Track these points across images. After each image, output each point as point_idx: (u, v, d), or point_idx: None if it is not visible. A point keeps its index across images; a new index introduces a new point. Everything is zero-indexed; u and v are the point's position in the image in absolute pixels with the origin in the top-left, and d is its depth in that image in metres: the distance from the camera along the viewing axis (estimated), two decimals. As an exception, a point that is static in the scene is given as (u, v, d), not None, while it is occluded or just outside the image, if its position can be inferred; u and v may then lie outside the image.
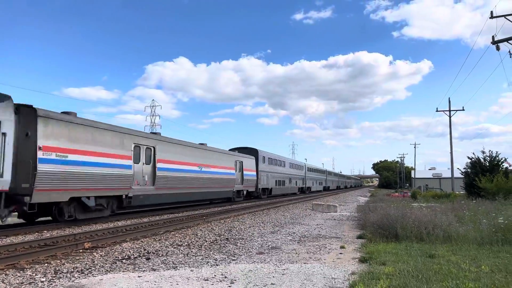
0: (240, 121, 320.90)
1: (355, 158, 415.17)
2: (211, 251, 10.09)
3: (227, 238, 12.26)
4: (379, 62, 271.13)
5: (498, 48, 21.37)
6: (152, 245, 10.86)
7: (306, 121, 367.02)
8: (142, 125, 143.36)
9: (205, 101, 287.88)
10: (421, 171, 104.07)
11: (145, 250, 10.05)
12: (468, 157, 30.40)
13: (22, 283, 6.64)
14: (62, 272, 7.44)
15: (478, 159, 29.25)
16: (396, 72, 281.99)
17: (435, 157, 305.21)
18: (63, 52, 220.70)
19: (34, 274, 7.26)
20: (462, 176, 31.73)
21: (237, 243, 11.41)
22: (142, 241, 11.43)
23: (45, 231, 13.42)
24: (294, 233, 13.73)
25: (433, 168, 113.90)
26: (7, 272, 7.43)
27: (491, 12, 21.94)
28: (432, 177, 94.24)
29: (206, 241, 11.62)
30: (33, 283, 6.61)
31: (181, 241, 11.60)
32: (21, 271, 7.50)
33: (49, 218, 15.57)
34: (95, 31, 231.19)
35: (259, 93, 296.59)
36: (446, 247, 9.73)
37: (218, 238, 12.33)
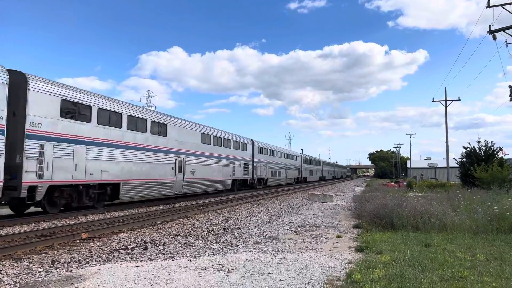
0: (235, 112, 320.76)
1: (351, 148, 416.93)
2: (208, 241, 10.12)
3: (224, 228, 12.30)
4: (374, 52, 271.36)
5: (494, 38, 21.32)
6: (149, 235, 10.87)
7: (302, 111, 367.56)
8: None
9: (200, 91, 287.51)
10: (416, 161, 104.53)
11: (142, 240, 10.07)
12: (464, 147, 30.53)
13: (19, 273, 6.63)
14: (60, 262, 7.44)
15: (474, 148, 29.37)
16: (391, 62, 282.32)
17: (430, 147, 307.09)
18: (56, 42, 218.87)
19: (31, 265, 7.26)
20: (458, 165, 31.89)
21: (234, 233, 11.45)
22: (139, 231, 11.44)
23: (42, 222, 13.40)
24: (290, 222, 13.79)
25: (429, 158, 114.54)
26: (4, 262, 7.42)
27: (488, 1, 21.83)
28: (427, 167, 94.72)
29: (203, 231, 11.65)
30: (30, 273, 6.61)
31: (178, 231, 11.62)
32: (18, 262, 7.49)
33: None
34: (88, 21, 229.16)
35: (254, 83, 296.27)
36: (441, 236, 9.81)
37: (215, 228, 12.36)
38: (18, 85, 13.36)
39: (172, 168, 21.89)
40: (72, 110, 15.41)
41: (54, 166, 14.22)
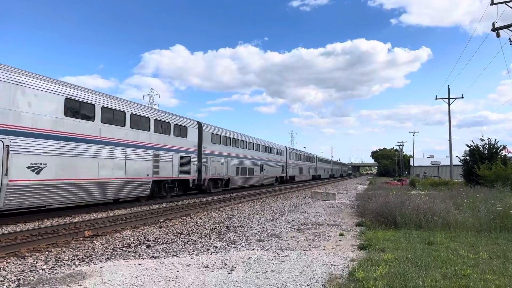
0: (238, 110, 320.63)
1: (354, 146, 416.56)
2: (211, 238, 10.13)
3: (226, 226, 12.31)
4: (377, 49, 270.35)
5: (498, 35, 21.22)
6: (152, 233, 10.90)
7: (304, 109, 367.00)
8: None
9: (203, 89, 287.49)
10: (419, 159, 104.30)
11: (145, 238, 10.10)
12: (467, 145, 30.42)
13: (23, 270, 6.67)
14: (63, 260, 7.48)
15: (477, 146, 29.26)
16: (394, 60, 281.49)
17: (433, 145, 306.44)
18: (58, 40, 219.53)
19: (35, 262, 7.29)
20: (461, 164, 31.79)
21: (237, 230, 11.46)
22: (142, 229, 11.48)
23: (45, 220, 13.46)
24: (293, 220, 13.79)
25: (432, 156, 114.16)
26: (8, 260, 7.46)
27: (492, -1, 21.73)
28: (430, 165, 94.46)
29: (206, 229, 11.67)
30: (34, 271, 6.65)
31: (181, 229, 11.65)
32: (22, 259, 7.53)
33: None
34: (91, 19, 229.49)
35: (256, 82, 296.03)
36: (444, 234, 9.79)
37: (217, 226, 12.38)
38: None
39: None
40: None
41: None
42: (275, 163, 45.41)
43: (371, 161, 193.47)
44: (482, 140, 29.37)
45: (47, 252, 8.21)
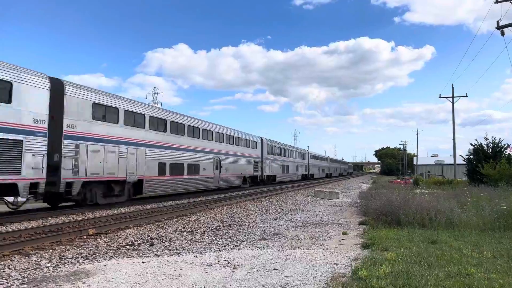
0: (241, 108, 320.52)
1: (357, 145, 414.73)
2: (214, 237, 10.15)
3: (230, 225, 12.33)
4: (380, 48, 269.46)
5: (503, 34, 21.13)
6: (156, 231, 10.93)
7: (307, 108, 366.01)
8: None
9: (206, 88, 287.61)
10: (423, 158, 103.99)
11: (149, 236, 10.12)
12: (471, 144, 30.30)
13: (27, 268, 6.70)
14: (67, 258, 7.51)
15: (481, 145, 29.14)
16: (398, 58, 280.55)
17: (437, 144, 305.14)
18: (61, 38, 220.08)
19: (39, 260, 7.33)
20: (465, 163, 31.67)
21: (240, 229, 11.47)
22: (145, 228, 11.50)
23: (50, 218, 13.51)
24: (296, 219, 13.79)
25: (436, 155, 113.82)
26: (12, 258, 7.50)
27: (497, -3, 21.61)
28: (434, 163, 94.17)
29: (209, 228, 11.69)
30: (38, 269, 6.68)
31: (184, 227, 11.67)
32: (26, 257, 7.57)
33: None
34: (93, 18, 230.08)
35: (259, 80, 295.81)
36: (448, 233, 9.77)
37: (221, 224, 12.40)
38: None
39: None
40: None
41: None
42: (244, 159, 34.34)
43: (374, 160, 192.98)
44: (486, 139, 29.26)
45: (51, 250, 8.25)
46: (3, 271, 6.47)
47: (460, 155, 34.70)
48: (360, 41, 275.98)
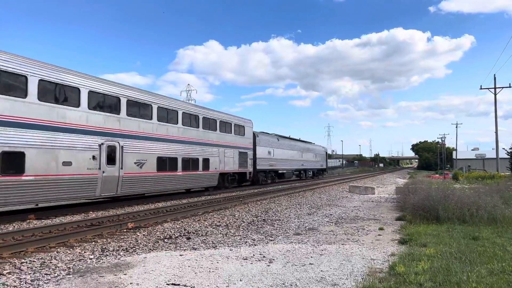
0: (272, 104, 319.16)
1: (392, 139, 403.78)
2: (248, 231, 10.25)
3: (264, 219, 12.40)
4: (415, 39, 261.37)
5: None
6: (192, 225, 11.16)
7: (340, 102, 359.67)
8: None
9: (236, 84, 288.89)
10: (463, 152, 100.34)
11: (185, 230, 10.35)
12: (515, 137, 28.95)
13: (72, 259, 7.03)
14: (109, 250, 7.81)
15: (526, 138, 27.78)
16: (434, 49, 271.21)
17: (477, 137, 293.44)
18: (97, 37, 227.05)
19: (83, 252, 7.67)
20: (508, 156, 30.33)
21: (274, 224, 11.52)
22: (182, 222, 11.77)
23: (91, 212, 14.07)
24: (331, 214, 13.68)
25: (476, 149, 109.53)
26: (58, 249, 7.88)
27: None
28: (475, 157, 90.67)
29: (244, 222, 11.81)
30: (82, 260, 6.99)
31: (219, 221, 11.85)
32: (71, 249, 7.94)
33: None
34: (126, 17, 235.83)
35: (290, 75, 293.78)
36: (490, 229, 9.41)
37: (255, 219, 12.49)
38: None
39: None
40: None
41: None
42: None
43: (411, 154, 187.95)
44: (531, 131, 27.85)
45: (93, 243, 8.60)
46: (50, 262, 6.82)
47: (503, 149, 33.32)
48: (394, 32, 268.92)
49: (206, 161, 22.37)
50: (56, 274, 6.05)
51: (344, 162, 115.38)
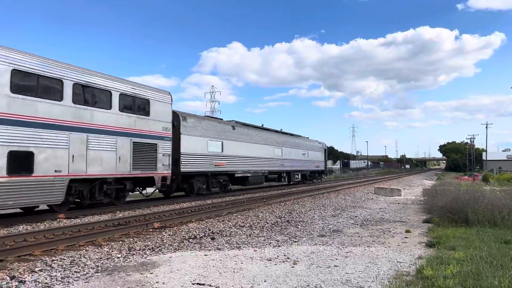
0: (295, 104, 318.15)
1: (419, 139, 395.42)
2: (272, 232, 10.24)
3: (288, 221, 12.36)
4: (443, 37, 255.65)
5: None
6: (216, 225, 11.24)
7: (365, 102, 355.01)
8: (202, 110, 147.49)
9: (260, 85, 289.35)
10: (493, 153, 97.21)
11: (210, 230, 10.43)
12: (549, 137, 27.85)
13: (100, 258, 7.19)
14: (135, 249, 7.96)
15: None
16: (462, 48, 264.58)
17: (509, 138, 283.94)
18: (123, 40, 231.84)
19: (110, 251, 7.83)
20: (542, 157, 29.18)
21: (298, 225, 11.47)
22: (206, 222, 11.87)
23: (118, 212, 14.36)
24: (356, 216, 13.52)
25: (508, 150, 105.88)
26: (87, 248, 8.08)
27: None
28: (506, 159, 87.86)
29: (268, 223, 11.80)
30: (110, 259, 7.15)
31: (243, 222, 11.89)
32: (99, 248, 8.13)
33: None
34: (151, 20, 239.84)
35: (313, 75, 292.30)
36: (523, 233, 9.08)
37: (279, 220, 12.47)
38: None
39: None
40: None
41: None
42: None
43: (438, 155, 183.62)
44: None
45: (120, 242, 8.78)
46: (80, 260, 7.01)
47: (537, 150, 31.98)
48: (420, 31, 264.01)
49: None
50: (85, 272, 6.21)
51: (369, 163, 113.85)
